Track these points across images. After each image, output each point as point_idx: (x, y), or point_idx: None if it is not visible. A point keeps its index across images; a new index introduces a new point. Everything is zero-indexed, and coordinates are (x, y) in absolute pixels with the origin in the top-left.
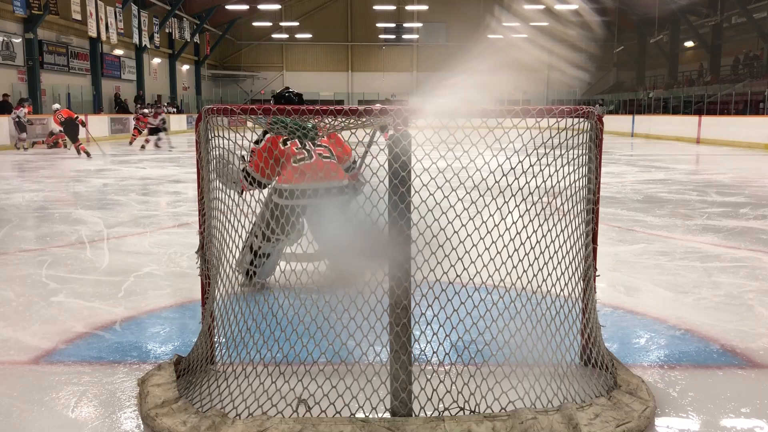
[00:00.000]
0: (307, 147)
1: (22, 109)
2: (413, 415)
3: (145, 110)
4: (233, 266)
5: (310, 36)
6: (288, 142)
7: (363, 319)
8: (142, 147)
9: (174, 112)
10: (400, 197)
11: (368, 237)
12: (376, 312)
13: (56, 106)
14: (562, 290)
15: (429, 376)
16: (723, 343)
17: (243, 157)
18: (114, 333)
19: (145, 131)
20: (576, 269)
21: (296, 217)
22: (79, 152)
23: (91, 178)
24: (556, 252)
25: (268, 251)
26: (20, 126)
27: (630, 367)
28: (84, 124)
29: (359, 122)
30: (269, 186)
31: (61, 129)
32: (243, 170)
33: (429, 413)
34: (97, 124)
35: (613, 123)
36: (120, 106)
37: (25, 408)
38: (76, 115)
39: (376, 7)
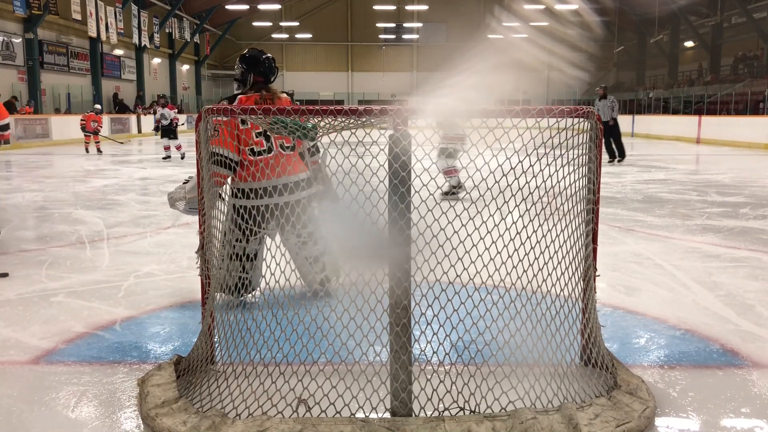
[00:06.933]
0: (268, 134)
1: (161, 109)
2: (413, 415)
3: (98, 106)
4: (223, 292)
5: (310, 36)
6: (248, 122)
7: (363, 319)
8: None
9: (175, 112)
10: (400, 197)
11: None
12: (376, 312)
13: (98, 107)
14: (562, 290)
15: (429, 376)
16: (723, 343)
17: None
18: (114, 333)
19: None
20: (576, 269)
21: (270, 213)
22: (99, 151)
23: (91, 178)
24: (556, 252)
25: (254, 249)
26: (166, 130)
27: (630, 367)
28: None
29: (359, 122)
30: (231, 186)
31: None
32: (211, 155)
33: (429, 413)
34: None
35: None
36: (119, 106)
37: (25, 408)
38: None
39: (376, 7)
